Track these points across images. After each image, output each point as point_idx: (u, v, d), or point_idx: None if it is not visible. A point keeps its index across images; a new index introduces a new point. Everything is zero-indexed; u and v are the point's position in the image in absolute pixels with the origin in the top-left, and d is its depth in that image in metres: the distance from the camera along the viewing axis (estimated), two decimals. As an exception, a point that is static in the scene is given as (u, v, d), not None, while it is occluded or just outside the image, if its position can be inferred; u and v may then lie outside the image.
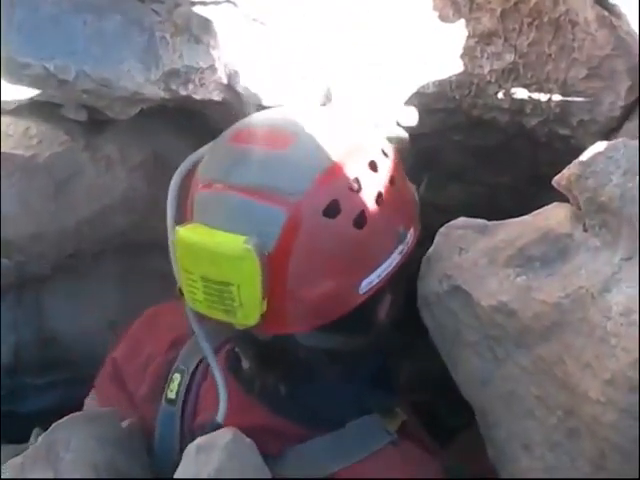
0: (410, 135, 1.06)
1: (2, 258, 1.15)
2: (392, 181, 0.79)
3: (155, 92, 0.98)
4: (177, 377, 0.91)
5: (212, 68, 1.01)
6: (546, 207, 0.76)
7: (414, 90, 1.05)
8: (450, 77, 1.02)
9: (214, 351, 0.84)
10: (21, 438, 1.11)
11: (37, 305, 1.24)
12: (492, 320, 0.74)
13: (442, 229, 0.82)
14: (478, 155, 1.18)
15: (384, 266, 0.79)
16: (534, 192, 1.13)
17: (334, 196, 0.74)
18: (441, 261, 0.80)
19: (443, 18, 0.98)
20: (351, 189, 0.75)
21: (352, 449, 0.81)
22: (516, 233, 0.74)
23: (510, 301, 0.72)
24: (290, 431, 0.83)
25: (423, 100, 1.05)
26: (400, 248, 0.81)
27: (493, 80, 0.99)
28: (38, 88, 0.97)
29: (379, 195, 0.77)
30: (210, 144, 0.82)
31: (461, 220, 0.81)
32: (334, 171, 0.75)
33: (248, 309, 0.75)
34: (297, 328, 0.78)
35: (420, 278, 0.84)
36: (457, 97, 1.05)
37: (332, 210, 0.73)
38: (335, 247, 0.75)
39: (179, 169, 0.83)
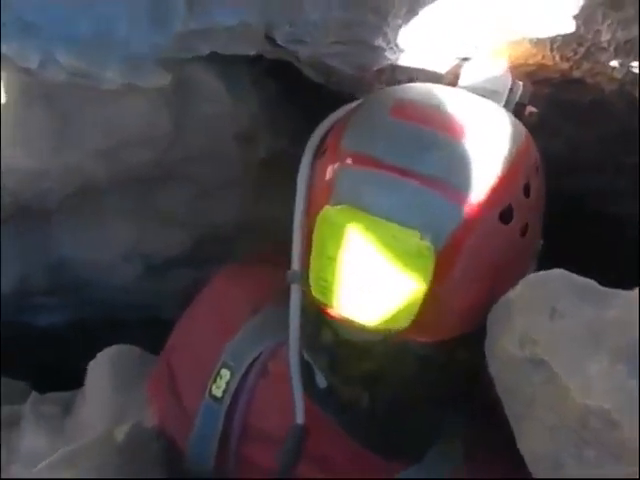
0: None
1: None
2: (542, 184, 0.73)
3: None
4: (226, 374, 0.81)
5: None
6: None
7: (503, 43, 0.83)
8: (554, 36, 0.81)
9: (270, 352, 0.78)
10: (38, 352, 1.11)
11: (44, 235, 1.14)
12: (584, 421, 0.58)
13: (530, 277, 0.64)
14: (565, 109, 1.01)
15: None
16: (619, 150, 1.04)
17: (510, 200, 0.68)
18: (525, 316, 0.63)
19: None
20: (525, 195, 0.69)
21: None
22: (636, 317, 0.56)
23: (615, 409, 0.54)
24: (368, 461, 0.76)
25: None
26: (535, 260, 0.75)
27: (611, 49, 0.80)
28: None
29: (540, 202, 0.72)
30: (353, 109, 0.73)
31: (559, 273, 0.63)
32: (513, 173, 0.68)
33: (401, 312, 0.65)
34: (444, 335, 0.71)
35: (494, 321, 0.67)
36: (557, 57, 0.84)
37: (507, 215, 0.67)
38: (502, 254, 0.69)
39: (312, 138, 0.75)
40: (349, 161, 0.68)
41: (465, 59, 0.84)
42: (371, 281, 0.66)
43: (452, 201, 0.65)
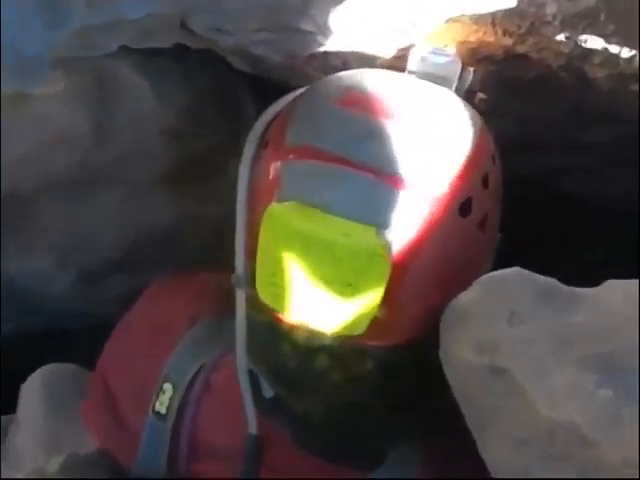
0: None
1: None
2: (499, 174, 0.70)
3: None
4: (168, 388, 0.76)
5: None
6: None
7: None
8: (495, 11, 0.76)
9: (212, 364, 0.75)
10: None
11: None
12: (552, 437, 0.52)
13: (485, 278, 0.59)
14: (511, 86, 0.95)
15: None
16: (572, 127, 0.99)
17: (469, 193, 0.64)
18: (482, 320, 0.58)
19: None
20: (483, 186, 0.66)
21: None
22: (604, 322, 0.50)
23: (588, 425, 0.49)
24: (327, 471, 0.71)
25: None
26: (493, 256, 0.71)
27: (556, 23, 0.75)
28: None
29: (498, 192, 0.69)
30: (296, 99, 0.70)
31: (517, 272, 0.57)
32: (472, 164, 0.65)
33: (359, 316, 0.60)
34: (401, 339, 0.66)
35: (447, 325, 0.62)
36: (499, 33, 0.80)
37: (466, 208, 0.64)
38: (461, 250, 0.65)
39: (253, 131, 0.70)
40: (295, 154, 0.64)
41: (411, 45, 0.79)
42: (325, 284, 0.61)
43: (408, 195, 0.61)
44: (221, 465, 0.76)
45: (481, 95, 0.90)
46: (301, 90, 0.74)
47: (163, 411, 0.77)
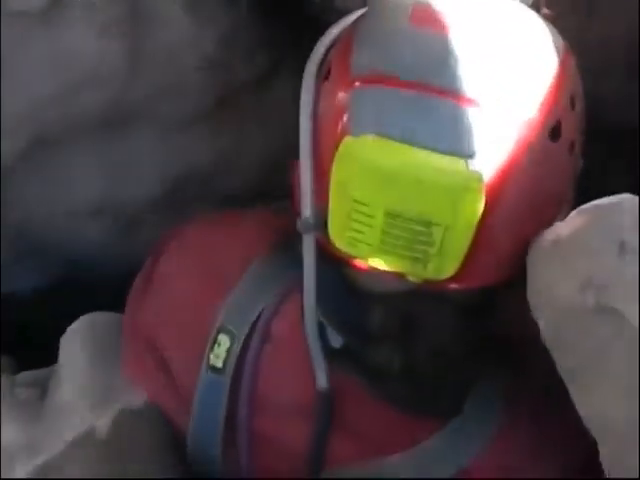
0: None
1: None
2: (582, 96, 0.65)
3: None
4: (224, 340, 0.71)
5: None
6: None
7: None
8: None
9: (272, 310, 0.69)
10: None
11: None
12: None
13: (590, 206, 0.53)
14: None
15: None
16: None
17: (559, 116, 0.60)
18: (587, 255, 0.52)
19: None
20: (571, 108, 0.61)
21: (474, 436, 0.69)
22: None
23: None
24: (401, 423, 0.68)
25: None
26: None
27: None
28: None
29: (583, 115, 0.64)
30: (359, 20, 0.65)
31: (628, 199, 0.51)
32: (560, 85, 0.60)
33: (448, 258, 0.57)
34: (489, 281, 0.62)
35: (539, 263, 0.55)
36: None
37: (556, 132, 0.60)
38: (552, 178, 0.61)
39: (311, 61, 0.65)
40: (364, 82, 0.59)
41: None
42: (410, 224, 0.56)
43: (496, 121, 0.57)
44: (287, 421, 0.71)
45: (546, 10, 0.83)
46: (360, 12, 0.68)
47: (219, 365, 0.72)
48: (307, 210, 0.64)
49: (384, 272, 0.61)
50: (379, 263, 0.60)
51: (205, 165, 1.05)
